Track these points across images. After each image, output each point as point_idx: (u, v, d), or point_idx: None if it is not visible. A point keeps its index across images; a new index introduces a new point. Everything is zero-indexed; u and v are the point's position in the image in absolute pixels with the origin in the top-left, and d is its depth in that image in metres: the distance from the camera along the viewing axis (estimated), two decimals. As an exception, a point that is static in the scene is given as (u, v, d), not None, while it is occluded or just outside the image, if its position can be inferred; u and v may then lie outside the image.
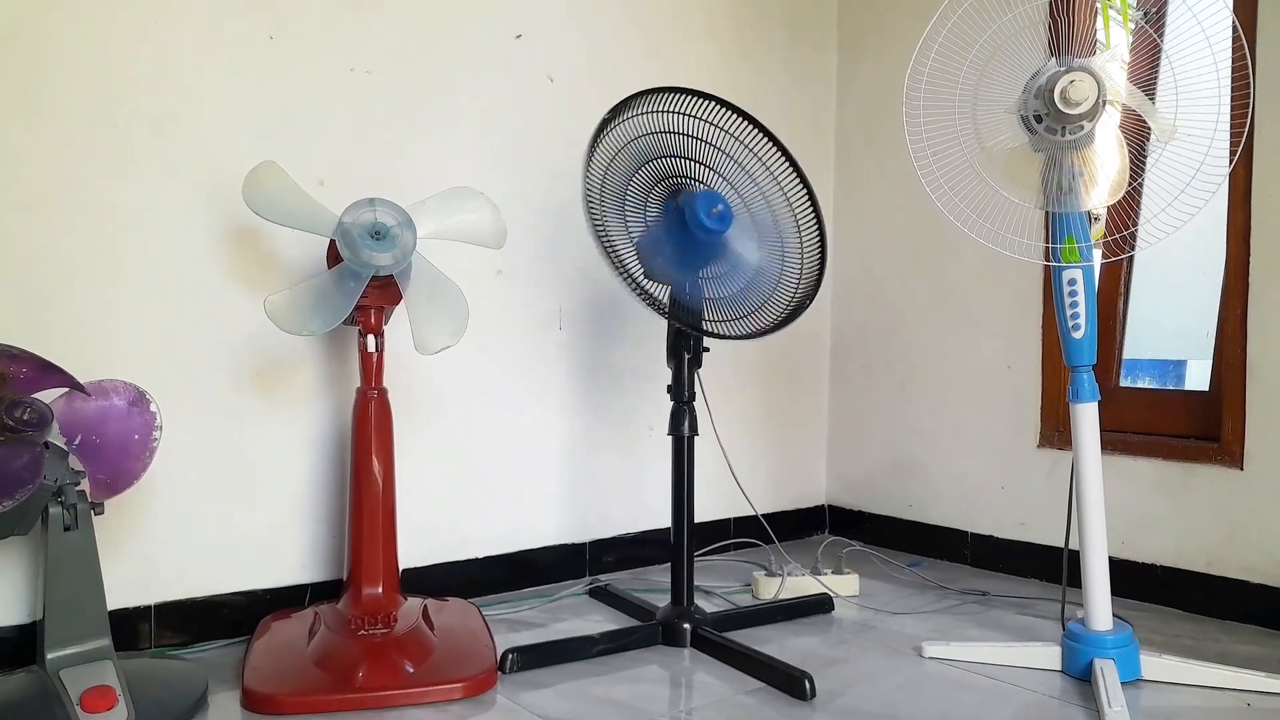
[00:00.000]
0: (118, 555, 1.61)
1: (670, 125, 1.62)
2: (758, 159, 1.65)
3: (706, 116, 1.64)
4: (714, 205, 1.55)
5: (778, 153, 1.65)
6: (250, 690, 1.41)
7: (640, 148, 1.61)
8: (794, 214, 1.66)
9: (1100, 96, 1.40)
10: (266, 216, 1.51)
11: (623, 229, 1.61)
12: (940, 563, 2.31)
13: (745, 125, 1.64)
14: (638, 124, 1.61)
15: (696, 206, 1.57)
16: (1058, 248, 1.52)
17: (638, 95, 1.61)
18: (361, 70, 1.83)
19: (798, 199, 1.67)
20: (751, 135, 1.65)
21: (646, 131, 1.61)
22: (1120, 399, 2.09)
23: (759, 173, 1.65)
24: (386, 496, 1.65)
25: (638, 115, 1.61)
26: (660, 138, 1.62)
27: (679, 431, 1.66)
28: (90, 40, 1.56)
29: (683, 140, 1.63)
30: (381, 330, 1.64)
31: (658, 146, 1.63)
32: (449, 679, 1.47)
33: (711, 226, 1.55)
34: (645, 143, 1.62)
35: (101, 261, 1.58)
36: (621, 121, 1.60)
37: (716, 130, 1.65)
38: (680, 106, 1.63)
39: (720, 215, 1.57)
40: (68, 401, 1.36)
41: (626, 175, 1.61)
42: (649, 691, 1.48)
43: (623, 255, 1.59)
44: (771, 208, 1.66)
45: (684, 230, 1.60)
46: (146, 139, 1.61)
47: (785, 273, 1.66)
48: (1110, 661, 1.51)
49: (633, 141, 1.60)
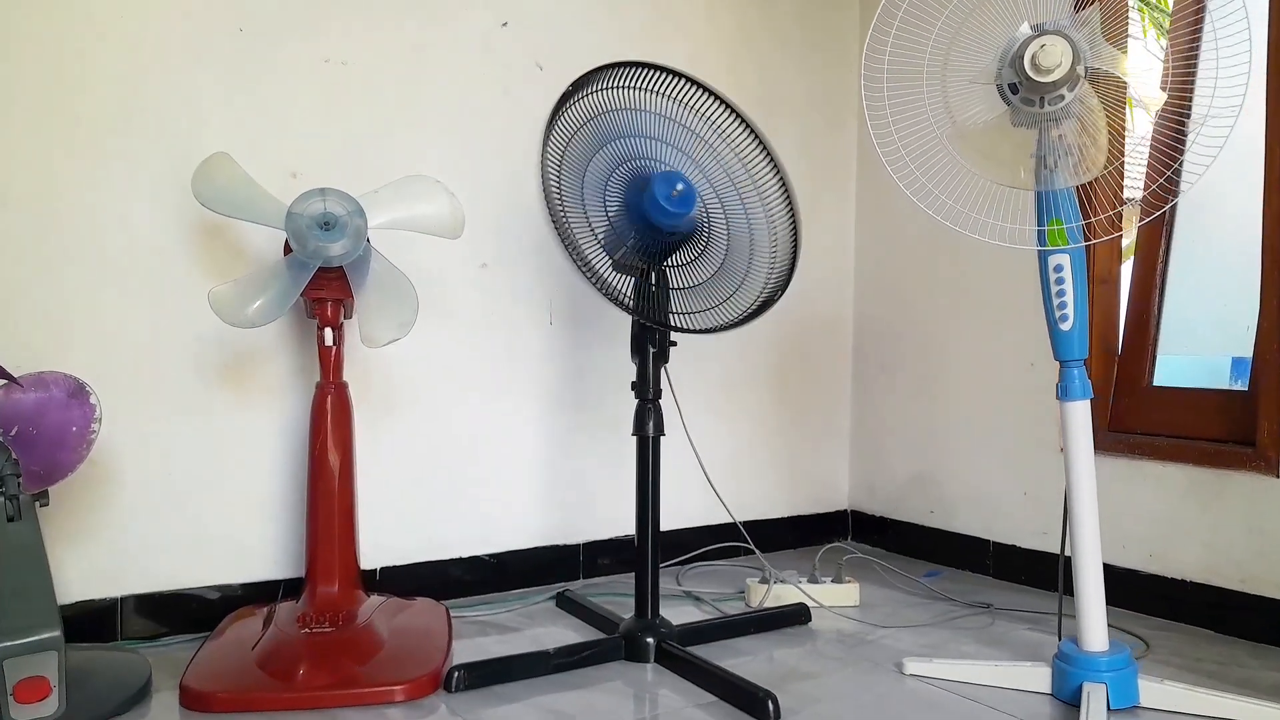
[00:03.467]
0: (86, 547, 1.62)
1: (630, 101, 1.54)
2: (721, 135, 1.55)
3: (670, 92, 1.56)
4: (674, 186, 1.46)
5: (743, 129, 1.55)
6: (186, 687, 1.39)
7: (600, 128, 1.54)
8: (761, 198, 1.56)
9: (1078, 63, 1.27)
10: (215, 209, 1.50)
11: (583, 219, 1.54)
12: (961, 573, 2.17)
13: (710, 101, 1.55)
14: (597, 101, 1.54)
15: (655, 188, 1.48)
16: (1043, 230, 1.39)
17: (598, 70, 1.54)
18: (336, 61, 1.81)
19: (766, 182, 1.57)
20: (715, 110, 1.56)
21: (606, 109, 1.54)
22: (1152, 399, 1.92)
23: (724, 151, 1.56)
24: (344, 492, 1.62)
25: (597, 92, 1.54)
26: (620, 115, 1.54)
27: (644, 432, 1.57)
28: (51, 31, 1.57)
29: (645, 118, 1.55)
30: (339, 323, 1.61)
31: (618, 126, 1.55)
32: (390, 681, 1.43)
33: (672, 209, 1.47)
34: (605, 121, 1.54)
35: (63, 254, 1.59)
36: (581, 98, 1.53)
37: (681, 107, 1.56)
38: (642, 82, 1.55)
39: (682, 197, 1.48)
40: (6, 393, 1.37)
41: (586, 158, 1.54)
42: (600, 708, 1.39)
43: (582, 246, 1.52)
44: (738, 190, 1.57)
45: (646, 216, 1.52)
46: (110, 131, 1.62)
47: (755, 258, 1.57)
48: (1102, 686, 1.37)
49: (590, 120, 1.53)
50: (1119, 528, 1.88)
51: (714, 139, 1.57)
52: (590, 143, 1.54)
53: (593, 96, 1.54)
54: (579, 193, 1.53)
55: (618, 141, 1.55)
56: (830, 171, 2.47)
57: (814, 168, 2.43)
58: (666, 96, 1.57)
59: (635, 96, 1.55)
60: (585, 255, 1.50)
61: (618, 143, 1.55)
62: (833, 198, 2.48)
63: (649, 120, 1.55)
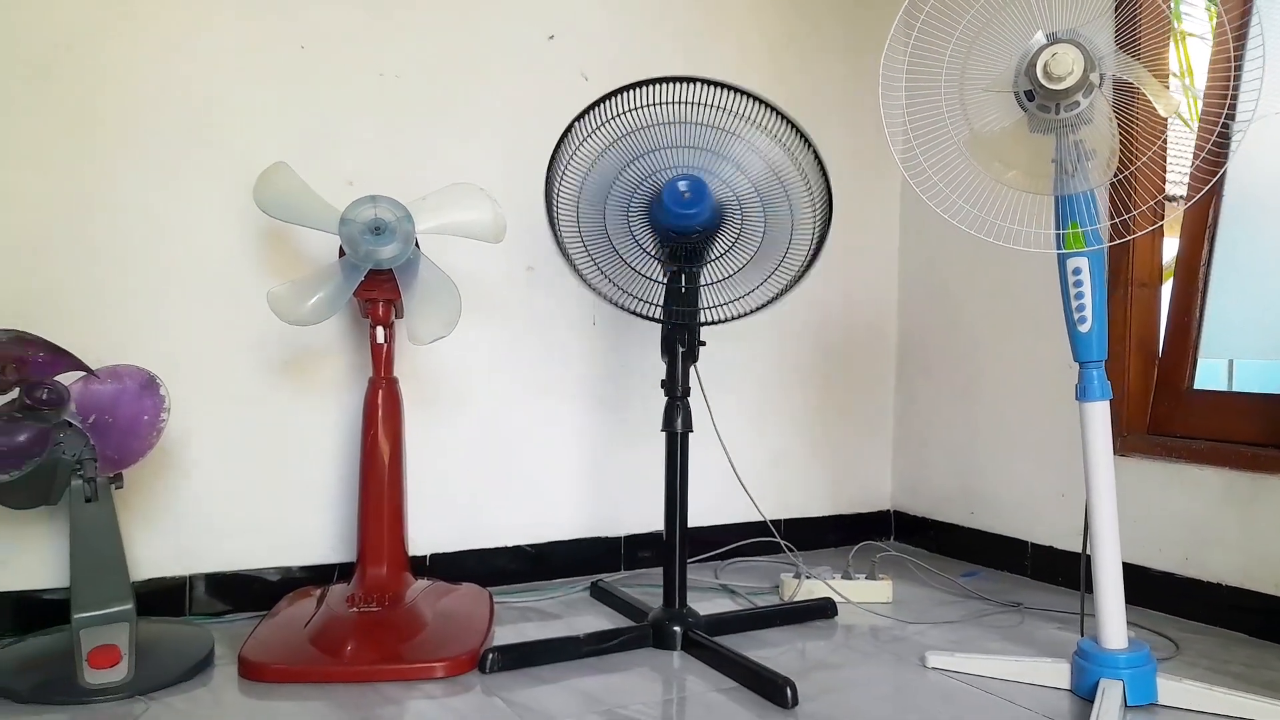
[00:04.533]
0: (157, 529, 1.75)
1: (642, 120, 1.60)
2: (750, 122, 1.60)
3: (672, 99, 1.61)
4: (681, 189, 1.52)
5: (760, 108, 1.60)
6: (244, 659, 1.50)
7: (612, 158, 1.61)
8: (800, 172, 1.59)
9: (1092, 70, 1.30)
10: (274, 215, 1.61)
11: (612, 256, 1.62)
12: (1000, 574, 2.18)
13: (728, 94, 1.60)
14: (607, 131, 1.61)
15: (665, 199, 1.54)
16: (1061, 234, 1.42)
17: (599, 101, 1.61)
18: (390, 75, 1.92)
19: (799, 153, 1.60)
20: (733, 101, 1.60)
21: (618, 135, 1.61)
22: (1192, 402, 1.92)
23: (752, 135, 1.60)
24: (393, 481, 1.72)
25: (605, 124, 1.61)
26: (633, 138, 1.61)
27: (672, 428, 1.64)
28: (133, 57, 1.71)
29: (657, 132, 1.61)
30: (390, 322, 1.71)
31: (628, 151, 1.62)
32: (431, 658, 1.52)
33: (684, 210, 1.53)
34: (612, 155, 1.61)
35: (137, 257, 1.73)
36: (579, 145, 1.61)
37: (689, 107, 1.61)
38: (640, 101, 1.61)
39: (692, 196, 1.53)
40: (84, 384, 1.50)
41: (603, 195, 1.61)
42: (629, 690, 1.46)
43: (606, 290, 1.61)
44: (775, 171, 1.60)
45: (663, 224, 1.59)
46: (181, 143, 1.75)
47: (797, 234, 1.60)
48: (1118, 683, 1.39)
49: (600, 157, 1.61)
50: (1156, 531, 1.88)
51: (739, 127, 1.61)
52: (605, 174, 1.62)
53: (601, 130, 1.62)
54: (600, 224, 1.61)
55: (633, 164, 1.62)
56: (875, 175, 2.50)
57: (859, 171, 2.47)
58: (677, 104, 1.62)
59: (646, 114, 1.61)
60: (589, 280, 1.60)
61: (634, 165, 1.62)
62: (878, 201, 2.52)
63: (661, 133, 1.61)
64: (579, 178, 1.59)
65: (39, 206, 1.65)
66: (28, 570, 1.66)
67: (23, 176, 1.64)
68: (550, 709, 1.38)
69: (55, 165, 1.66)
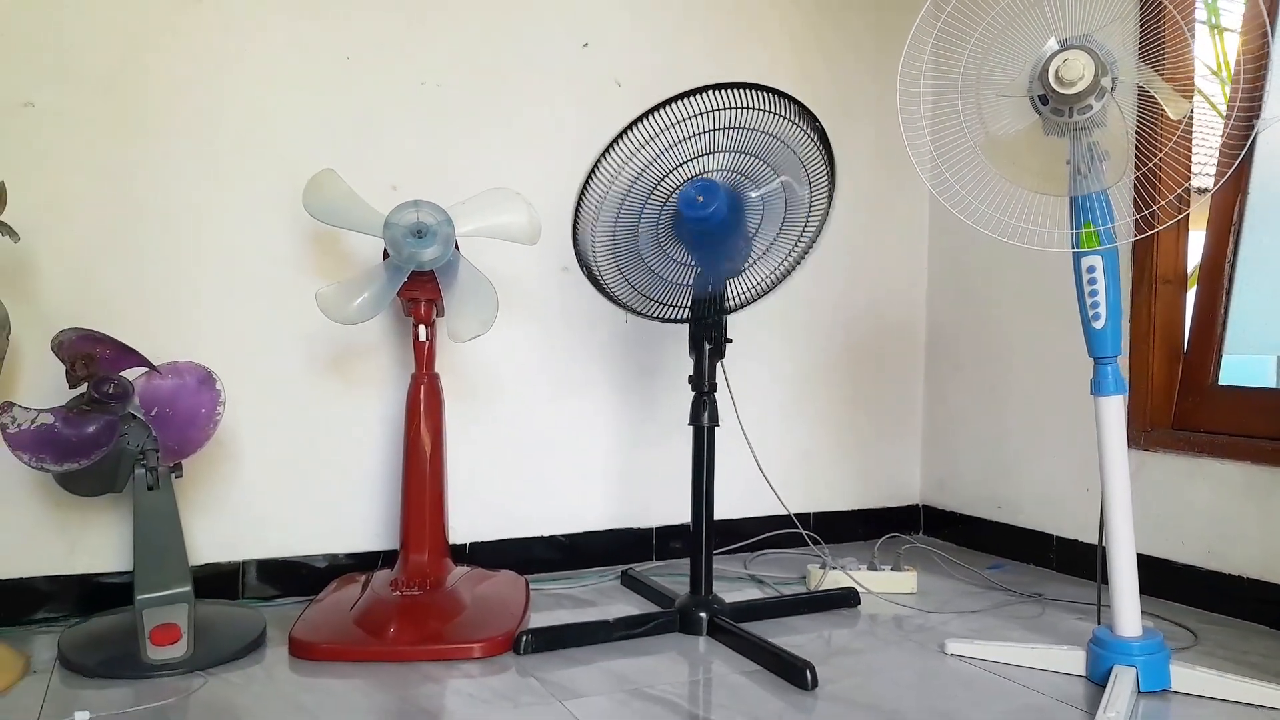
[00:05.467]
0: (214, 517, 1.85)
1: (652, 156, 1.70)
2: (754, 111, 1.66)
3: (679, 116, 1.70)
4: (694, 194, 1.59)
5: (769, 97, 1.66)
6: (294, 639, 1.59)
7: (633, 196, 1.71)
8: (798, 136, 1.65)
9: (1104, 75, 1.34)
10: (321, 219, 1.70)
11: (646, 275, 1.71)
12: (1026, 567, 2.22)
13: (728, 94, 1.67)
14: (622, 181, 1.71)
15: (681, 210, 1.62)
16: (1076, 233, 1.46)
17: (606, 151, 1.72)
18: (432, 83, 2.00)
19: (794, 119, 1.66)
20: (736, 96, 1.67)
21: (634, 181, 1.71)
22: (1216, 398, 1.94)
23: (755, 120, 1.66)
24: (434, 472, 1.80)
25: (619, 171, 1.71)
26: (647, 172, 1.69)
27: (699, 422, 1.70)
28: (185, 70, 1.81)
29: (673, 154, 1.70)
30: (432, 321, 1.80)
31: (646, 180, 1.70)
32: (469, 640, 1.60)
33: (700, 214, 1.59)
34: (637, 189, 1.70)
35: (200, 260, 1.83)
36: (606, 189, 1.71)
37: (699, 118, 1.68)
38: (655, 126, 1.71)
39: (704, 198, 1.59)
40: (147, 379, 1.60)
41: (632, 230, 1.70)
42: (657, 672, 1.53)
43: (640, 306, 1.70)
44: (783, 139, 1.66)
45: (690, 235, 1.66)
46: (234, 153, 1.84)
47: (805, 208, 1.66)
48: (1131, 669, 1.43)
49: (625, 200, 1.71)
50: (1179, 524, 1.91)
51: (748, 120, 1.68)
52: (630, 211, 1.72)
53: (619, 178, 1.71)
54: (634, 251, 1.71)
55: (654, 194, 1.72)
56: (904, 174, 2.54)
57: (889, 171, 2.51)
58: (687, 120, 1.70)
59: (661, 140, 1.70)
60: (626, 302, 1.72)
61: (654, 194, 1.72)
62: (907, 200, 2.56)
63: (675, 154, 1.70)
64: (610, 221, 1.72)
65: (96, 214, 1.75)
66: (94, 554, 1.76)
67: (82, 185, 1.74)
68: (582, 688, 1.46)
69: (111, 174, 1.76)
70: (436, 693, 1.43)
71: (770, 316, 2.36)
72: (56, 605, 1.73)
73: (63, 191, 1.73)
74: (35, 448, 1.48)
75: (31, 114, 1.71)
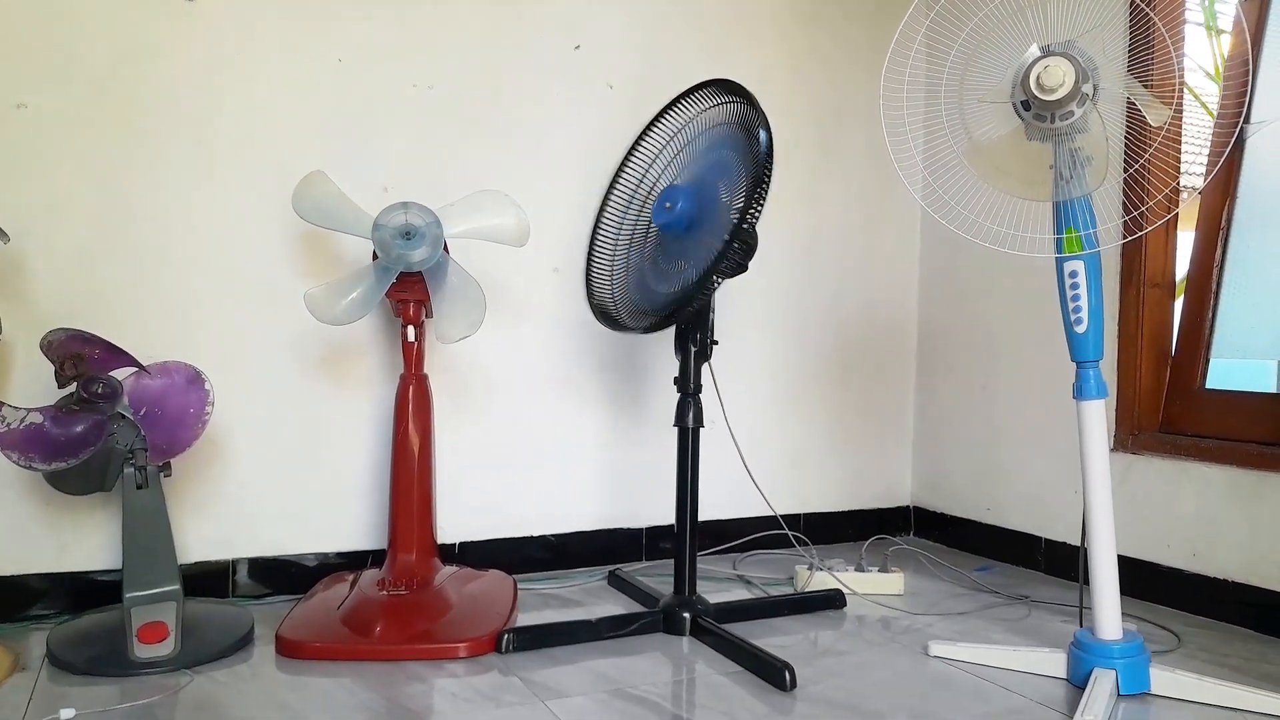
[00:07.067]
0: (203, 516, 1.86)
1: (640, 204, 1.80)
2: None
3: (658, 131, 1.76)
4: (664, 202, 1.63)
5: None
6: (281, 638, 1.61)
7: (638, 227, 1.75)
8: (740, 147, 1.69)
9: (1084, 82, 1.35)
10: (310, 220, 1.71)
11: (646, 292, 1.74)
12: (1014, 569, 2.23)
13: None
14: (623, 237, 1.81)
15: (660, 227, 1.69)
16: (1060, 238, 1.47)
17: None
18: (423, 86, 2.01)
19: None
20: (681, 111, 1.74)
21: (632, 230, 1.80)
22: (1203, 402, 1.95)
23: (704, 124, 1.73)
24: (423, 472, 1.81)
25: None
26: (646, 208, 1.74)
27: (684, 423, 1.71)
28: (178, 73, 1.82)
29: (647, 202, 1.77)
30: (420, 322, 1.81)
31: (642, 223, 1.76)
32: (455, 639, 1.61)
33: (673, 221, 1.63)
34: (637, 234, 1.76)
35: (191, 260, 1.84)
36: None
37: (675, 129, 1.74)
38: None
39: (670, 203, 1.65)
40: (136, 379, 1.61)
41: (635, 261, 1.74)
42: (639, 672, 1.54)
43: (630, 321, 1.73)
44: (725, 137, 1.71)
45: (676, 238, 1.68)
46: (225, 154, 1.86)
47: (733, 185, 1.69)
48: (1111, 672, 1.44)
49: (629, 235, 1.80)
50: (1164, 527, 1.92)
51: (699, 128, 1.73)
52: (637, 250, 1.77)
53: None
54: (641, 277, 1.76)
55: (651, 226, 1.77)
56: (896, 176, 2.54)
57: (881, 172, 2.52)
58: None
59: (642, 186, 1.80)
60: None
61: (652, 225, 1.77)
62: (898, 203, 2.56)
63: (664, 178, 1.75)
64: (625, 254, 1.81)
65: (87, 215, 1.77)
66: (83, 553, 1.78)
67: (73, 186, 1.76)
68: (564, 687, 1.47)
69: (103, 175, 1.77)
70: (421, 692, 1.44)
71: (762, 317, 2.37)
72: (48, 603, 1.75)
73: (54, 192, 1.74)
74: (24, 447, 1.49)
75: (23, 115, 1.72)
